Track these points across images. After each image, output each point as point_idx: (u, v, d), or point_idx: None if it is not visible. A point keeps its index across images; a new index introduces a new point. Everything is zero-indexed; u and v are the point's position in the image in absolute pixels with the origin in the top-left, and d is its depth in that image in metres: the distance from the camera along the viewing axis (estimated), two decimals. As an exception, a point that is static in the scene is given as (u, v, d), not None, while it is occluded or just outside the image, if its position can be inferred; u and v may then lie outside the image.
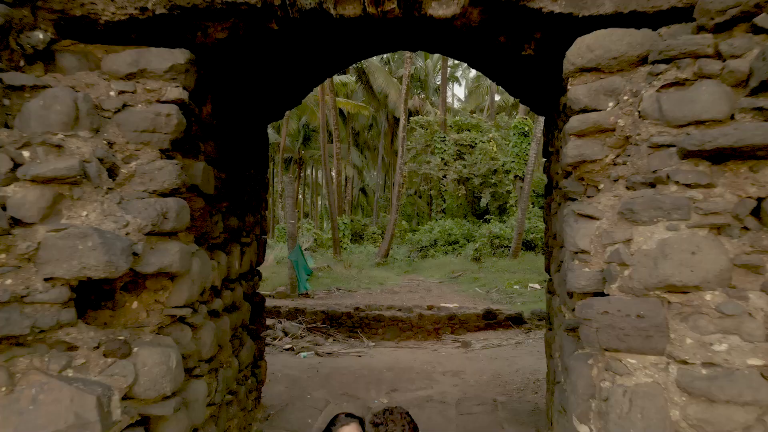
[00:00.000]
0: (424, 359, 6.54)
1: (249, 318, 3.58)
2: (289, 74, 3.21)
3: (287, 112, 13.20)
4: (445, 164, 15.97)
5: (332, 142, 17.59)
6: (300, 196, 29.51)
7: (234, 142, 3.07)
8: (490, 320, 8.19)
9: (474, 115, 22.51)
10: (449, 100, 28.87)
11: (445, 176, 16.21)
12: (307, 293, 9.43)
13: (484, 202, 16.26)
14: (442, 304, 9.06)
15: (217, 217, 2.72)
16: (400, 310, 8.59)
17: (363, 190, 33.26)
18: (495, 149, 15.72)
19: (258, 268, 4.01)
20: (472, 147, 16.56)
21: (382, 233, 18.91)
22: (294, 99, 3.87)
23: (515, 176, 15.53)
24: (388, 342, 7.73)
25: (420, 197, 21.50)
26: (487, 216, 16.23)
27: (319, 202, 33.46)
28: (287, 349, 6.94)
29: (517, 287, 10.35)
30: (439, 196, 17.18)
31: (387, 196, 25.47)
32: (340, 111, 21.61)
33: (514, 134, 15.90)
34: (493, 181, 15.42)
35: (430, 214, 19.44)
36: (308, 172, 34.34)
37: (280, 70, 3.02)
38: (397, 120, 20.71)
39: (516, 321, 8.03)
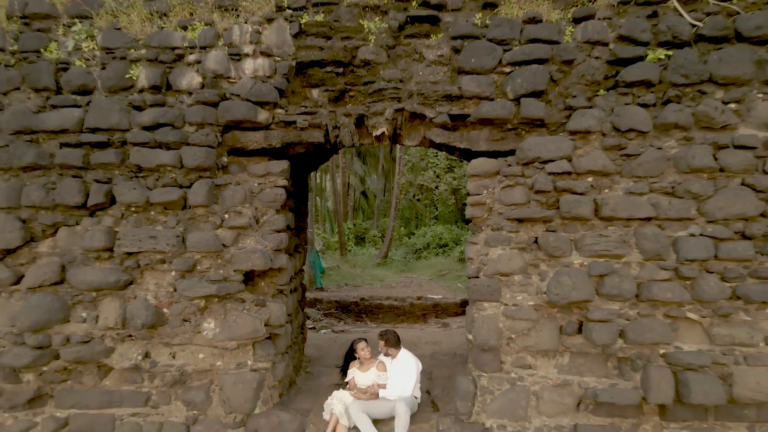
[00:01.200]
0: (413, 335, 8.77)
1: (300, 297, 5.85)
2: (325, 152, 5.47)
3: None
4: (437, 177, 18.31)
5: (337, 154, 19.83)
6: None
7: (297, 194, 5.34)
8: (466, 307, 10.47)
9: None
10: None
11: (437, 187, 18.56)
12: (322, 287, 11.71)
13: (470, 208, 18.49)
14: (429, 296, 11.35)
15: (292, 239, 4.99)
16: (396, 300, 10.87)
17: (364, 193, 35.56)
18: (481, 164, 18.03)
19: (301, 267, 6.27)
20: (461, 161, 18.88)
21: (381, 236, 21.15)
22: (325, 160, 6.13)
23: (498, 188, 17.80)
24: (386, 324, 9.97)
25: (419, 200, 23.77)
26: (474, 222, 18.57)
27: (319, 202, 35.74)
28: (310, 328, 9.23)
29: (493, 283, 12.61)
30: (432, 205, 19.50)
31: (387, 199, 27.65)
32: (344, 125, 23.78)
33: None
34: (478, 191, 17.74)
35: (425, 216, 21.69)
36: (311, 175, 36.57)
37: (320, 152, 5.28)
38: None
39: (487, 309, 10.32)
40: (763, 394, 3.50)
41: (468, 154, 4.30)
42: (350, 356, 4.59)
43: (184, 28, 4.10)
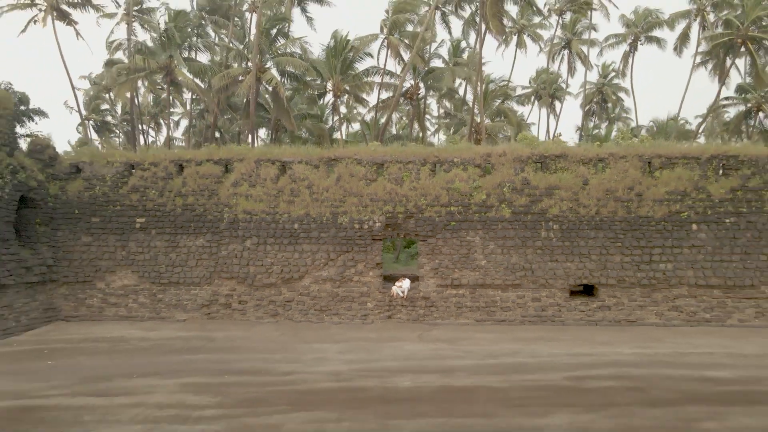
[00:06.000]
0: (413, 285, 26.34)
1: (380, 270, 23.37)
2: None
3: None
4: (423, 217, 35.73)
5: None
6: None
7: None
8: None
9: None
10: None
11: (423, 222, 36.01)
12: (373, 271, 29.29)
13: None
14: (414, 273, 28.78)
15: (381, 256, 22.58)
16: (403, 274, 28.22)
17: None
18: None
19: (379, 262, 23.75)
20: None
21: (393, 246, 38.57)
22: (386, 234, 23.71)
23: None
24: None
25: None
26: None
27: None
28: (374, 283, 26.76)
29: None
30: (420, 230, 36.97)
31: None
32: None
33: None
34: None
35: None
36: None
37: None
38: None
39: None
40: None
41: (418, 240, 21.80)
42: (394, 280, 22.11)
43: (362, 216, 21.60)
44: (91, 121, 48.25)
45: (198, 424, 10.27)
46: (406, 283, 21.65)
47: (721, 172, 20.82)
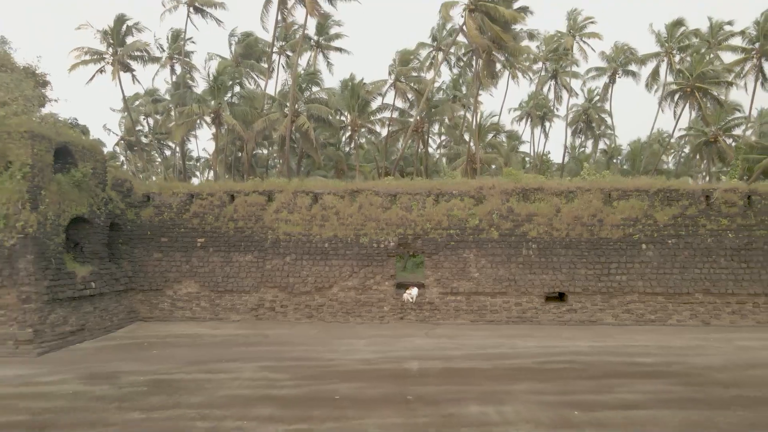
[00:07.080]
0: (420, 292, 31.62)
1: (393, 280, 28.67)
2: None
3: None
4: (427, 231, 41.08)
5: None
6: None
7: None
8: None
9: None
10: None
11: (427, 235, 41.35)
12: (385, 279, 34.62)
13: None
14: (420, 281, 34.00)
15: (394, 269, 27.90)
16: (410, 282, 33.43)
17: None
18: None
19: (391, 273, 29.02)
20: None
21: (401, 257, 43.92)
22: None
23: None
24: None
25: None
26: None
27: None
28: (387, 290, 32.04)
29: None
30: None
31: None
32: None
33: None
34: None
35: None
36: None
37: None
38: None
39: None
40: (463, 291, 26.36)
41: (424, 256, 27.13)
42: (404, 287, 27.43)
43: (379, 237, 26.93)
44: (124, 141, 53.61)
45: (284, 389, 15.55)
46: (414, 291, 26.95)
47: (665, 202, 26.11)
